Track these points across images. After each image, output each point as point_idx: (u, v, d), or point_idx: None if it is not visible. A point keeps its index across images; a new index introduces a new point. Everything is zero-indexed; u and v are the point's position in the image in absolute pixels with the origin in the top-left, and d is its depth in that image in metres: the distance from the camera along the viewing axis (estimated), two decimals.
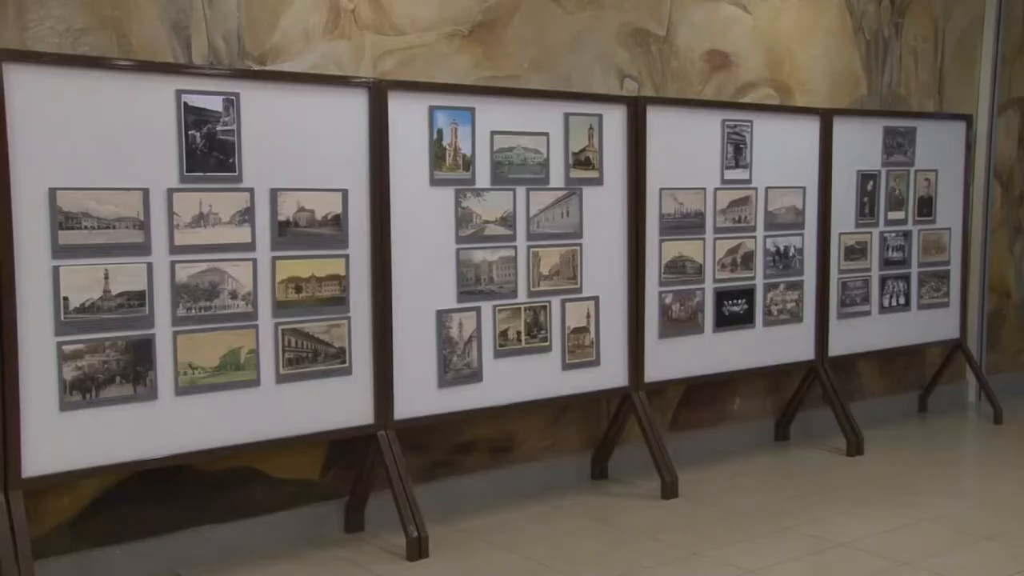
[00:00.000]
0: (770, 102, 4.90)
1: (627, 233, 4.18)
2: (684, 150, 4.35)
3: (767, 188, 4.65)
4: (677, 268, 4.37)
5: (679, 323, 4.39)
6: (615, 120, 4.13)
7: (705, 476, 4.43)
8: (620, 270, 4.18)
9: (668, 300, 4.35)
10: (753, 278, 4.64)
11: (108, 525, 3.26)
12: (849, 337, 5.03)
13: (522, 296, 3.91)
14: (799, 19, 5.02)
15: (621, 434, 4.37)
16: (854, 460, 4.73)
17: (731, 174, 4.53)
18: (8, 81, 2.79)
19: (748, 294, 4.62)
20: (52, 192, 2.89)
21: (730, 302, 4.56)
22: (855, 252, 5.04)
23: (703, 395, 4.79)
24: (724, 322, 4.54)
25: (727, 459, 4.71)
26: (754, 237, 4.63)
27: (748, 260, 4.61)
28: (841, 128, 4.90)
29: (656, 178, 4.25)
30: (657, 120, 4.24)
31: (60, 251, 2.91)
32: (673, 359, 4.36)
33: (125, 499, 3.28)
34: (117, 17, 3.18)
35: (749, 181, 4.59)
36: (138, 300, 3.05)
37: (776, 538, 3.66)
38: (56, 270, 2.91)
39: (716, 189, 4.48)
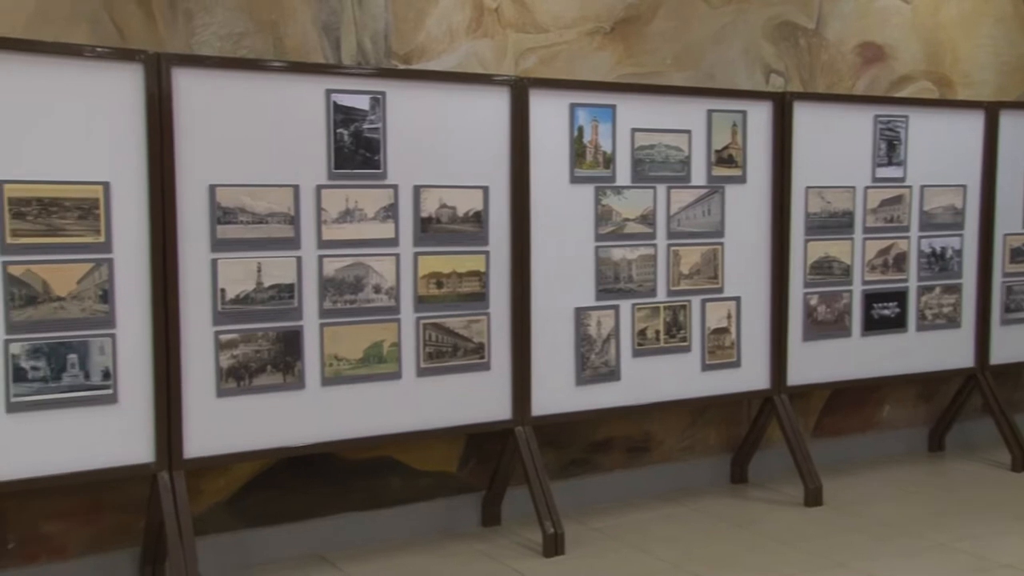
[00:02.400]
0: (928, 96, 4.67)
1: (771, 232, 4.07)
2: (833, 147, 4.21)
3: (923, 186, 4.44)
4: (823, 269, 4.22)
5: (825, 325, 4.24)
6: (760, 117, 4.03)
7: (851, 485, 4.27)
8: (763, 270, 4.08)
9: (813, 302, 4.21)
10: (906, 280, 4.44)
11: (259, 507, 3.41)
12: (1014, 344, 4.73)
13: (661, 295, 3.86)
14: (963, 7, 4.76)
15: (762, 438, 4.26)
16: (1020, 476, 4.45)
17: (883, 172, 4.34)
18: (176, 84, 2.97)
19: (900, 297, 4.42)
20: (212, 188, 3.05)
21: (880, 305, 4.37)
22: (1022, 254, 4.74)
23: (849, 400, 4.61)
24: (873, 325, 4.36)
25: (875, 468, 4.52)
26: (907, 238, 4.42)
27: (901, 261, 4.41)
28: (1008, 122, 4.61)
29: (802, 176, 4.12)
30: (804, 116, 4.11)
31: (218, 245, 3.07)
32: (818, 362, 4.22)
33: (275, 483, 3.43)
34: (273, 21, 3.33)
35: (903, 179, 4.39)
36: (288, 293, 3.18)
37: (930, 554, 3.48)
38: (215, 263, 3.07)
39: (867, 187, 4.31)
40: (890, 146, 4.35)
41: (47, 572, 3.08)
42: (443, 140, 3.39)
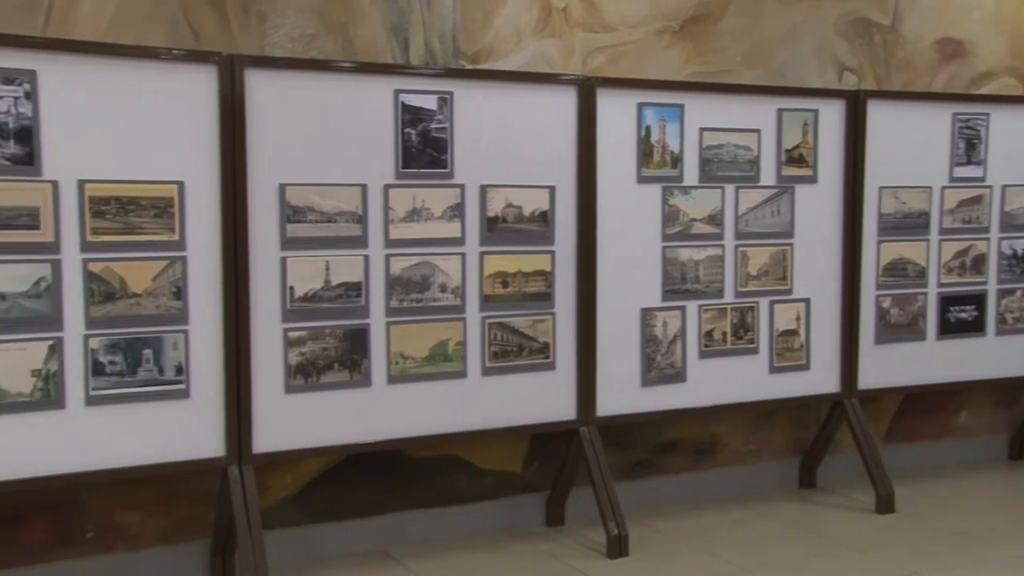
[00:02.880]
0: (1012, 93, 4.52)
1: (842, 233, 3.99)
2: (908, 146, 4.10)
3: (1004, 186, 4.31)
4: (897, 271, 4.13)
5: (898, 328, 4.14)
6: (832, 115, 3.95)
7: (925, 492, 4.16)
8: (834, 271, 4.00)
9: (886, 304, 4.11)
10: (984, 283, 4.31)
11: (325, 503, 3.46)
12: None
13: (729, 296, 3.82)
14: None
15: (831, 442, 4.18)
16: None
17: (961, 171, 4.22)
18: (248, 85, 3.02)
19: (978, 300, 4.30)
20: (282, 188, 3.10)
21: (957, 308, 4.25)
22: None
23: (923, 406, 4.50)
24: (949, 329, 4.24)
25: (951, 476, 4.39)
26: (987, 239, 4.30)
27: (979, 263, 4.29)
28: None
29: (876, 176, 4.03)
30: (879, 115, 4.02)
31: (288, 243, 3.11)
32: (890, 366, 4.12)
33: (340, 479, 3.47)
34: (343, 22, 3.37)
35: (983, 179, 4.27)
36: (355, 291, 3.22)
37: (1012, 566, 3.36)
38: (284, 261, 3.11)
39: (943, 188, 4.19)
40: (969, 145, 4.23)
41: (123, 561, 3.17)
42: (510, 140, 3.40)
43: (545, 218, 3.47)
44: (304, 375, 3.16)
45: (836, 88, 4.14)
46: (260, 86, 3.04)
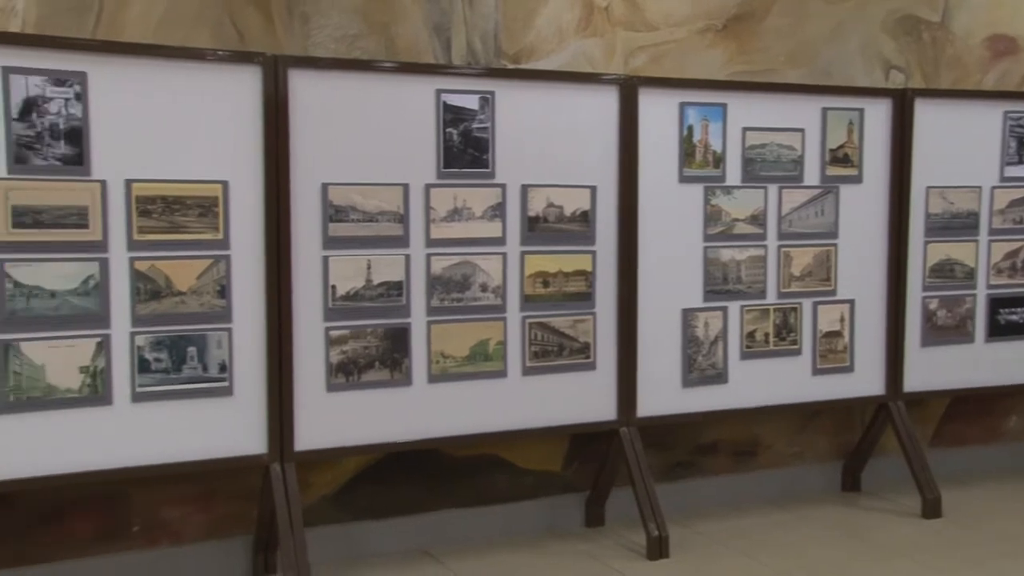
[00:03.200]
0: None
1: (888, 233, 3.94)
2: (957, 145, 4.03)
3: None
4: (944, 272, 4.06)
5: (945, 330, 4.07)
6: (878, 115, 3.90)
7: (973, 497, 4.09)
8: (879, 272, 3.94)
9: (933, 306, 4.05)
10: None
11: (366, 500, 3.48)
12: None
13: (771, 297, 3.78)
14: None
15: (876, 445, 4.12)
16: None
17: (1013, 171, 4.14)
18: (292, 85, 3.05)
19: None
20: (324, 187, 3.12)
21: (1007, 310, 4.17)
22: None
23: (972, 409, 4.42)
24: (999, 331, 4.16)
25: (1000, 481, 4.31)
26: None
27: None
28: None
29: (923, 176, 3.97)
30: (926, 114, 3.95)
31: (330, 242, 3.14)
32: (937, 369, 4.05)
33: (381, 478, 3.49)
34: (386, 22, 3.39)
35: None
36: (396, 290, 3.23)
37: None
38: (326, 260, 3.14)
39: (993, 187, 4.12)
40: (1021, 144, 4.15)
41: (167, 556, 3.22)
42: (551, 139, 3.39)
43: (586, 218, 3.46)
44: (345, 373, 3.18)
45: (883, 87, 4.08)
46: (303, 86, 3.06)
